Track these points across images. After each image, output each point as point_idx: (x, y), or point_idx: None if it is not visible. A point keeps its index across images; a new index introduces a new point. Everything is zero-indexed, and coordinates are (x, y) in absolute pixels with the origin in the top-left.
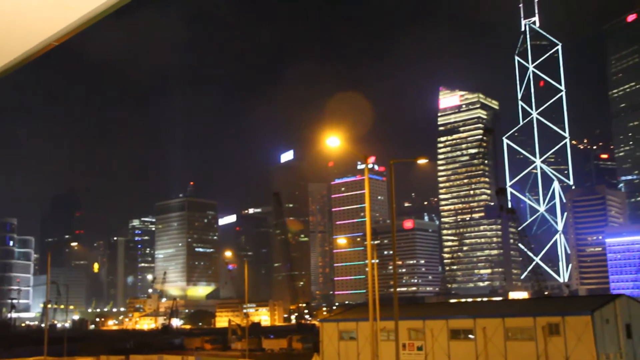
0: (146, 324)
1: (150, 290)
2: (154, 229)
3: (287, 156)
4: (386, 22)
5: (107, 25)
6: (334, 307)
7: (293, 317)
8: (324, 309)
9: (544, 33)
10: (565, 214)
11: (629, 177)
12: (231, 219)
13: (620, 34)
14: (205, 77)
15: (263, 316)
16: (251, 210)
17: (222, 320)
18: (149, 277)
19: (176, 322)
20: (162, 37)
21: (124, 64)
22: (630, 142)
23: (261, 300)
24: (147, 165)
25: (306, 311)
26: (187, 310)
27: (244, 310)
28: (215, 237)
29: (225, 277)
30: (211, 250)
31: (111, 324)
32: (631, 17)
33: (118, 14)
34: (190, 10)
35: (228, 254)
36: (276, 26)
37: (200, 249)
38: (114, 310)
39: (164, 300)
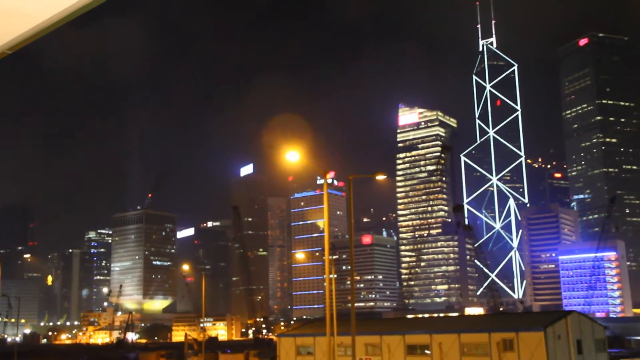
0: (100, 338)
1: (105, 304)
2: (110, 241)
3: (246, 170)
4: (349, 39)
5: (67, 33)
6: (292, 322)
7: (250, 331)
8: (282, 323)
9: (501, 54)
10: (520, 231)
11: (581, 196)
12: (189, 232)
13: (572, 57)
14: (166, 88)
15: (220, 330)
16: (210, 224)
17: (178, 335)
18: (105, 290)
19: (131, 336)
20: (123, 47)
21: (82, 74)
22: (583, 162)
23: (219, 315)
24: (104, 176)
25: (264, 326)
26: (143, 324)
27: (201, 325)
28: (173, 250)
29: (183, 290)
30: (169, 263)
31: (64, 338)
32: (583, 41)
33: (78, 22)
34: (153, 21)
35: (185, 267)
36: (240, 39)
37: (158, 262)
38: (68, 324)
39: (119, 313)
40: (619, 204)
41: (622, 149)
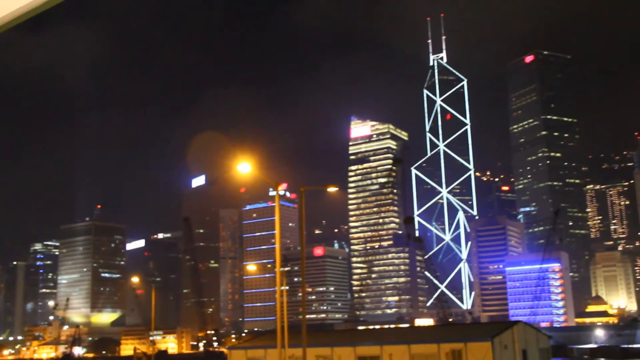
0: (45, 353)
1: (51, 318)
2: (57, 253)
3: (198, 181)
4: (305, 52)
5: (16, 39)
6: (243, 334)
7: (201, 344)
8: (233, 336)
9: (451, 69)
10: (469, 243)
11: (527, 209)
12: (140, 243)
13: (519, 73)
14: (119, 97)
15: (170, 344)
16: (160, 235)
17: (127, 348)
18: (51, 303)
19: (78, 351)
20: (76, 54)
21: (32, 81)
22: (529, 176)
23: (169, 328)
24: (52, 187)
25: (215, 338)
26: (90, 338)
27: (151, 338)
28: (122, 262)
29: (132, 303)
30: (118, 275)
31: (7, 354)
32: (529, 59)
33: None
34: (108, 28)
35: (135, 279)
36: (197, 48)
37: (107, 275)
38: (11, 338)
39: (65, 327)
40: (563, 217)
41: (565, 164)
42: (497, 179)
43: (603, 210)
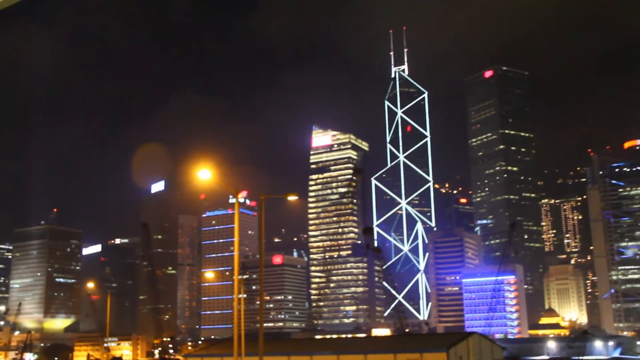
0: None
1: (1, 323)
2: (10, 257)
3: (158, 187)
4: (269, 60)
5: None
6: (200, 342)
7: (157, 351)
8: (189, 343)
9: (412, 81)
10: (427, 254)
11: (485, 221)
12: (96, 248)
13: (478, 87)
14: (78, 100)
15: (125, 351)
16: (118, 241)
17: (80, 355)
18: (1, 308)
19: (29, 357)
20: (31, 56)
21: None
22: (486, 189)
23: (124, 334)
24: (6, 190)
25: (170, 346)
26: (42, 344)
27: (105, 344)
28: (77, 267)
29: (87, 309)
30: (73, 280)
31: None
32: (488, 73)
33: None
34: (65, 31)
35: (91, 285)
36: (158, 53)
37: (61, 279)
38: None
39: (17, 333)
40: (519, 230)
41: (522, 178)
42: (455, 192)
43: (557, 224)
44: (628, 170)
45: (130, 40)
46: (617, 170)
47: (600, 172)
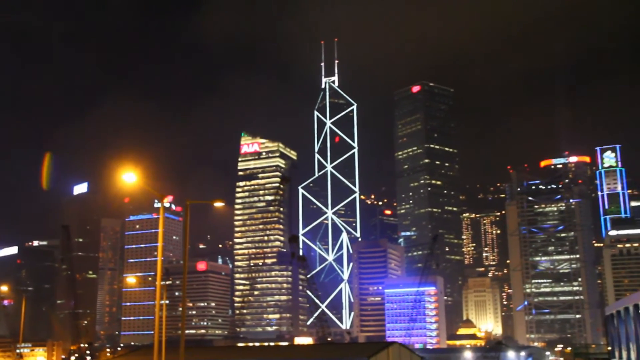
0: None
1: None
2: None
3: (80, 188)
4: (203, 65)
5: None
6: (119, 348)
7: (73, 358)
8: (108, 350)
9: (342, 92)
10: (351, 264)
11: (408, 233)
12: (12, 250)
13: (406, 101)
14: (4, 94)
15: (39, 357)
16: (36, 243)
17: None
18: None
19: None
20: None
21: None
22: (411, 201)
23: (39, 340)
24: None
25: (88, 352)
26: None
27: (18, 350)
28: None
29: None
30: None
31: None
32: (416, 88)
33: None
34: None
35: (4, 288)
36: (93, 50)
37: None
38: None
39: None
40: (440, 243)
41: (445, 191)
42: (380, 203)
43: (477, 238)
44: (543, 188)
45: (65, 38)
46: (533, 187)
47: (518, 189)
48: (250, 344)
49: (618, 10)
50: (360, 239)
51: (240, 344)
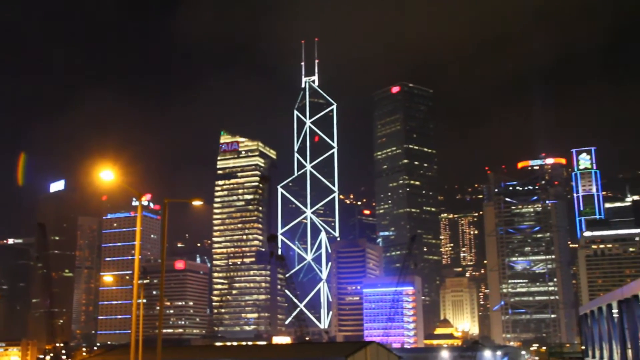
0: None
1: None
2: None
3: (57, 186)
4: (184, 62)
5: None
6: (95, 348)
7: (48, 357)
8: (84, 349)
9: (322, 92)
10: (330, 263)
11: (387, 233)
12: None
13: (385, 102)
14: None
15: (13, 357)
16: (11, 241)
17: None
18: None
19: None
20: None
21: None
22: (389, 201)
23: (13, 339)
24: None
25: (64, 351)
26: None
27: None
28: None
29: None
30: None
31: None
32: (395, 89)
33: None
34: None
35: None
36: (72, 48)
37: None
38: None
39: None
40: (419, 243)
41: (423, 192)
42: (359, 203)
43: (455, 238)
44: (520, 189)
45: (45, 34)
46: (510, 188)
47: (496, 190)
48: (228, 343)
49: (595, 16)
50: (339, 239)
51: (218, 343)
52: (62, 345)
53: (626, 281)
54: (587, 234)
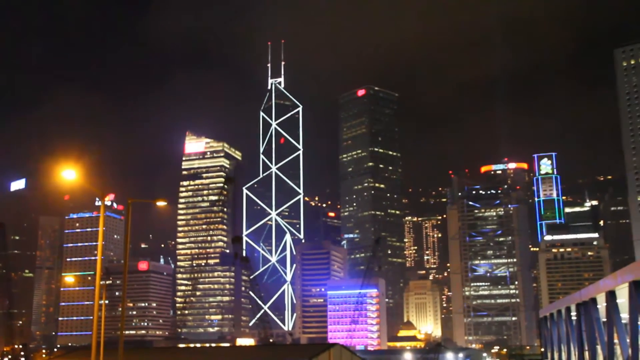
0: None
1: None
2: None
3: (18, 185)
4: (151, 62)
5: None
6: (55, 349)
7: (7, 359)
8: (44, 351)
9: (288, 94)
10: (294, 265)
11: (351, 236)
12: None
13: (351, 105)
14: None
15: None
16: None
17: None
18: None
19: None
20: None
21: None
22: (354, 204)
23: None
24: None
25: (22, 353)
26: None
27: None
28: None
29: None
30: None
31: None
32: (361, 92)
33: None
34: None
35: None
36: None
37: None
38: None
39: None
40: (383, 245)
41: (388, 195)
42: (324, 205)
43: (418, 241)
44: (483, 193)
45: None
46: (473, 192)
47: (459, 194)
48: (192, 345)
49: (557, 25)
50: (303, 241)
51: (181, 345)
52: (21, 347)
53: (584, 284)
54: (548, 237)
